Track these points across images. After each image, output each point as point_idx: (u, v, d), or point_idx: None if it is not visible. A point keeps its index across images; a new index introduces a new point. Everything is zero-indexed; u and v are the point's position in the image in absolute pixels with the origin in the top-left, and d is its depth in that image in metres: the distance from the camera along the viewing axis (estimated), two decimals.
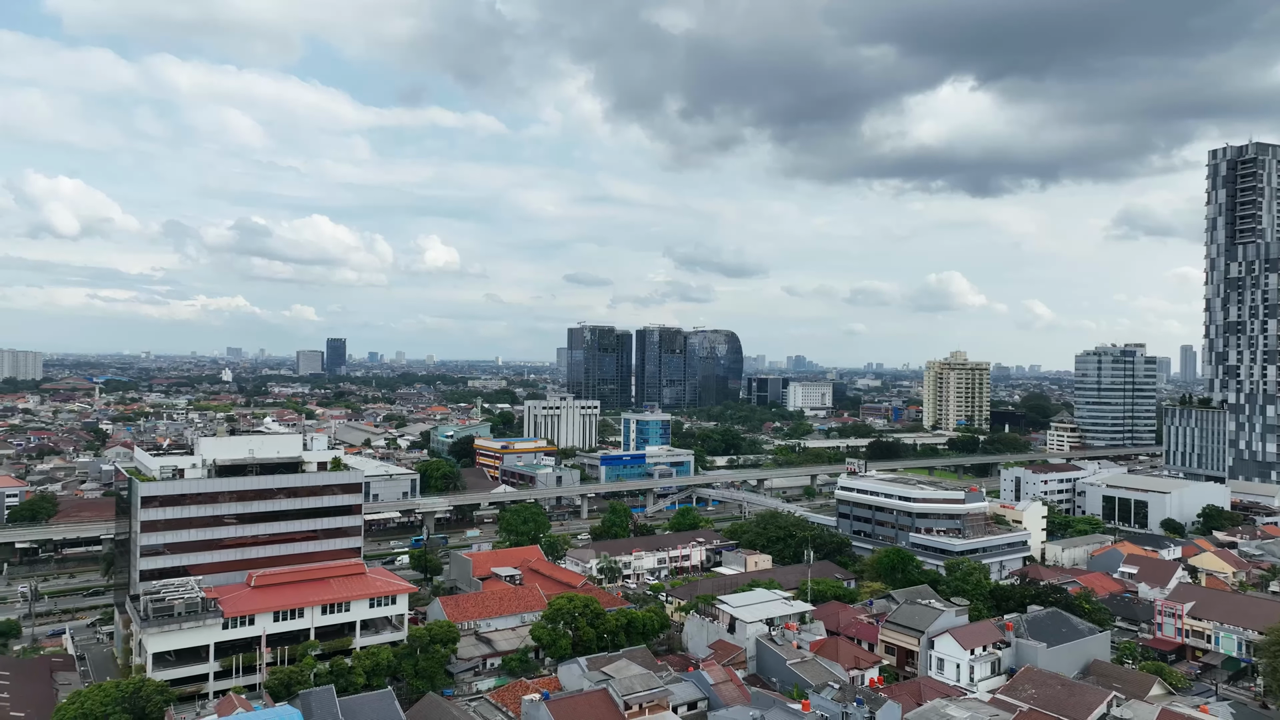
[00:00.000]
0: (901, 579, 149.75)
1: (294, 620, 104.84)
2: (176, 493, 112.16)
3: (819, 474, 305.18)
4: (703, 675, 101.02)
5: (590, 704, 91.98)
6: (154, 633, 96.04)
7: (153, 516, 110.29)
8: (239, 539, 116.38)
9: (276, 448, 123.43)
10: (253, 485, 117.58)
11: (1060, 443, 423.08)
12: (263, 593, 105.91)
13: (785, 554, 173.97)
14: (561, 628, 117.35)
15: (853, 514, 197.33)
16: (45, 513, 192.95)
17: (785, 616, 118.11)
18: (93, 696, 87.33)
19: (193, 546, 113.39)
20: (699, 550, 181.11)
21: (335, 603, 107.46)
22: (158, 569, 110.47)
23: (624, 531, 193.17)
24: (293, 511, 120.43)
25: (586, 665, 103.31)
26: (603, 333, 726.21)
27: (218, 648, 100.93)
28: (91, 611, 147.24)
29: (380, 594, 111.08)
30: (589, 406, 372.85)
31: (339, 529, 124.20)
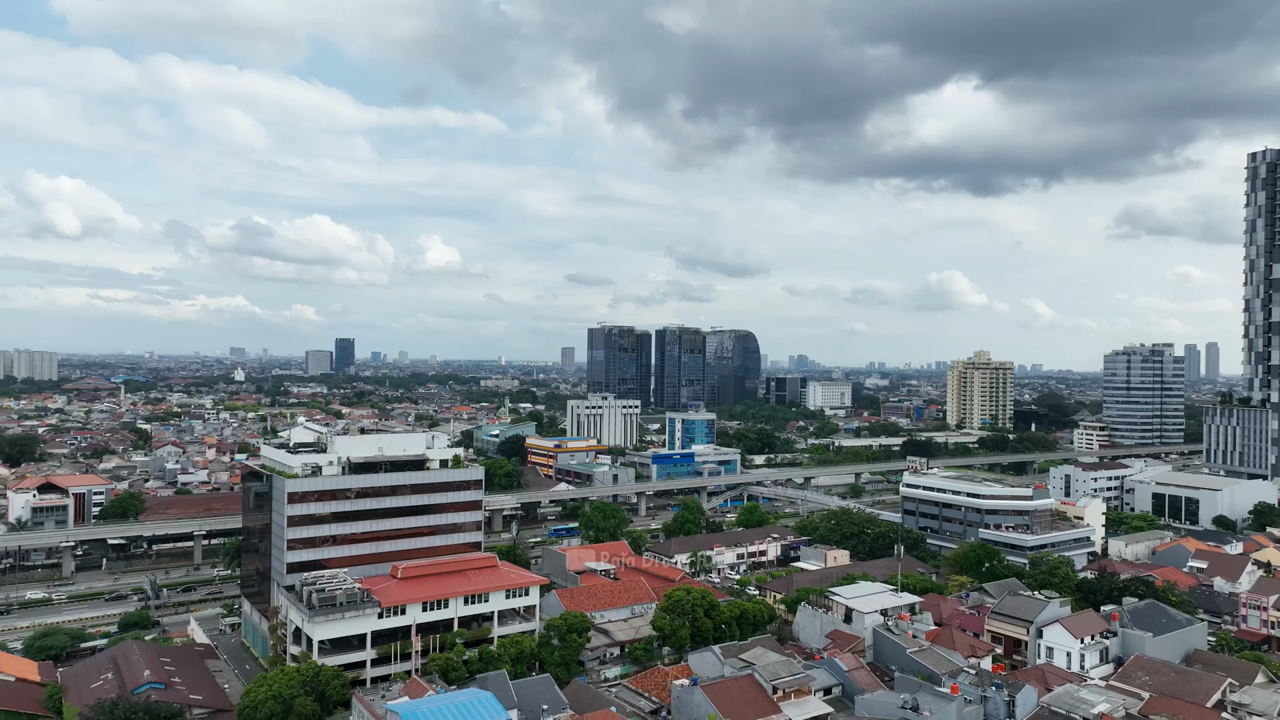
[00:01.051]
0: (986, 573, 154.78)
1: (439, 610, 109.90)
2: (319, 489, 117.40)
3: (863, 472, 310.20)
4: (835, 663, 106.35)
5: (740, 688, 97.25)
6: (320, 621, 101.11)
7: (299, 511, 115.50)
8: (373, 533, 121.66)
9: (403, 446, 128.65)
10: (384, 482, 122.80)
11: (1089, 442, 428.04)
12: (410, 584, 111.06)
13: (860, 550, 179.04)
14: (681, 618, 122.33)
15: (919, 510, 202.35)
16: (134, 510, 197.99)
17: (897, 607, 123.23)
18: (279, 680, 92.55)
19: (331, 540, 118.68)
20: (774, 546, 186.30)
21: (476, 594, 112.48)
22: (302, 561, 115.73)
23: (696, 528, 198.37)
24: (419, 507, 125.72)
25: (721, 653, 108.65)
26: (622, 333, 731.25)
27: (372, 636, 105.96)
28: (208, 603, 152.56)
29: (515, 586, 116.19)
30: (629, 406, 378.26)
31: (460, 524, 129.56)
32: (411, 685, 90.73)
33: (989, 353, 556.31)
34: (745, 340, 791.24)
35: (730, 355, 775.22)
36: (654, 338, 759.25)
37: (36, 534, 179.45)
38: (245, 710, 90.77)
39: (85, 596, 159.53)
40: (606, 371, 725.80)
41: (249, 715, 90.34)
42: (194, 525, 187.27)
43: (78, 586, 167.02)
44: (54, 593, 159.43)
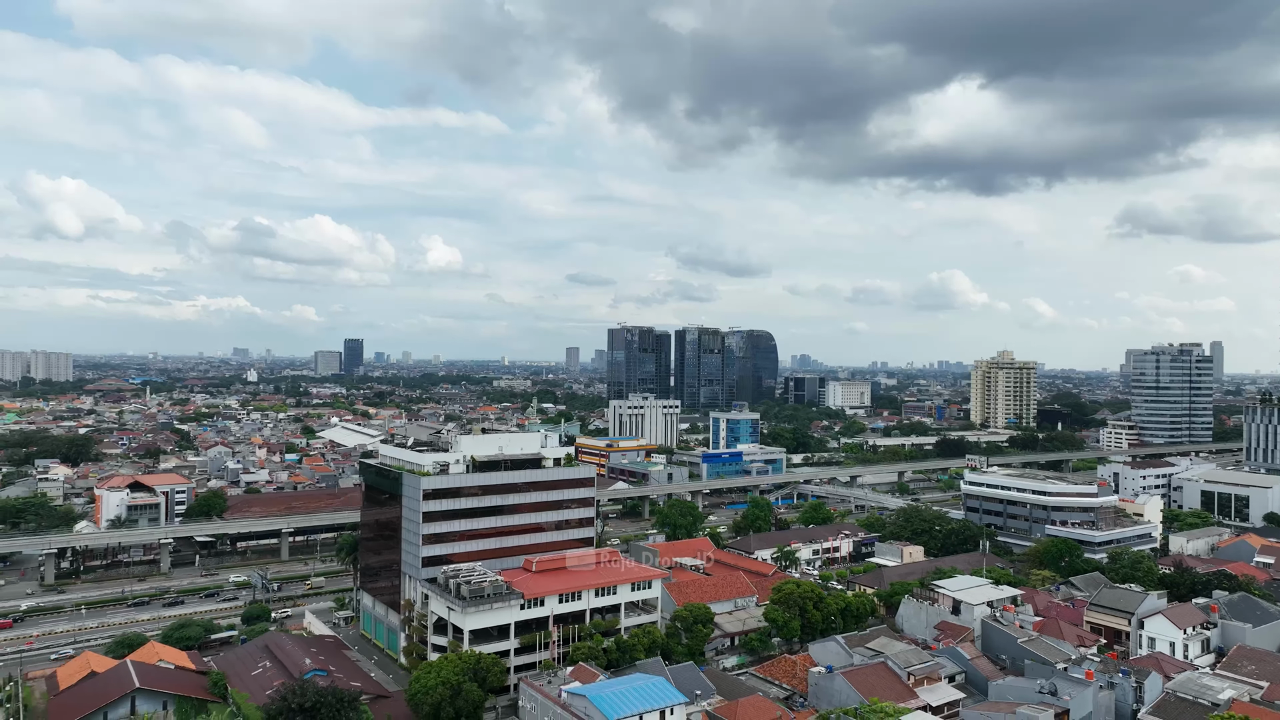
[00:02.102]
0: (1066, 567, 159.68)
1: (573, 602, 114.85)
2: (450, 486, 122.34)
3: (906, 471, 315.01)
4: (958, 651, 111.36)
5: (876, 674, 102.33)
6: (472, 612, 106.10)
7: (433, 508, 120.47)
8: (495, 529, 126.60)
9: (519, 445, 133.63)
10: (506, 479, 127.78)
11: (1118, 440, 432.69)
12: (545, 577, 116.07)
13: (931, 546, 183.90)
14: (792, 610, 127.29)
15: (982, 507, 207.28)
16: (217, 509, 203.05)
17: (1000, 600, 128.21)
18: (445, 667, 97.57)
19: (460, 535, 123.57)
20: (846, 542, 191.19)
21: (606, 587, 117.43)
22: (434, 556, 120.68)
23: (766, 525, 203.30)
24: (537, 504, 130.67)
25: (845, 642, 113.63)
26: (643, 333, 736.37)
27: (514, 626, 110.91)
28: (315, 597, 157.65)
29: (639, 579, 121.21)
30: (669, 406, 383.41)
31: (575, 519, 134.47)
32: (579, 670, 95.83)
33: (1012, 352, 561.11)
34: (762, 340, 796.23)
35: (747, 355, 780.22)
36: (673, 338, 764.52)
37: (136, 531, 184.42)
38: (417, 695, 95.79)
39: (190, 591, 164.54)
40: (626, 371, 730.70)
41: (420, 699, 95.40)
42: (281, 522, 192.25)
43: (179, 582, 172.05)
44: (170, 586, 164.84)
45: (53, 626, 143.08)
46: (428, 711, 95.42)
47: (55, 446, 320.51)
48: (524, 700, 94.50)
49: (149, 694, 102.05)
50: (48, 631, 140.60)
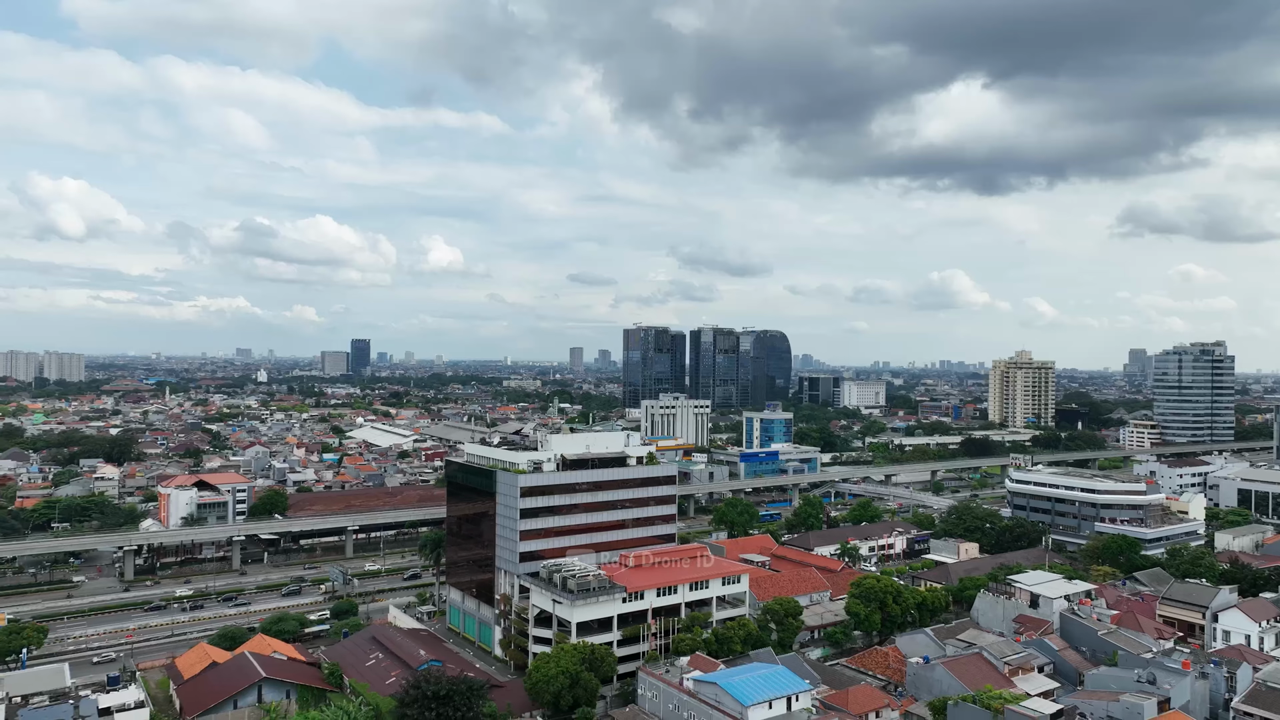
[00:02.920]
0: (1125, 563, 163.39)
1: (670, 596, 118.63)
2: (544, 484, 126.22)
3: (939, 469, 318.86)
4: (1046, 643, 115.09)
5: (974, 664, 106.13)
6: (580, 605, 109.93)
7: (530, 504, 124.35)
8: (584, 525, 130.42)
9: (605, 444, 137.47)
10: (596, 477, 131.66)
11: (1140, 440, 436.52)
12: (642, 572, 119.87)
13: (985, 542, 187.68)
14: (872, 604, 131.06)
15: (1030, 505, 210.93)
16: (279, 507, 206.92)
17: (1075, 594, 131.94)
18: (563, 658, 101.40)
19: (553, 531, 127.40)
20: (901, 539, 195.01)
21: (700, 581, 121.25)
22: (531, 551, 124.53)
23: (818, 523, 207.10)
24: (623, 501, 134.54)
25: (934, 634, 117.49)
26: (658, 333, 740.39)
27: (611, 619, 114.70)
28: (395, 592, 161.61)
29: (728, 574, 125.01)
30: (700, 406, 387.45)
31: (658, 516, 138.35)
32: (696, 659, 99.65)
33: (1030, 353, 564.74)
34: (775, 340, 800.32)
35: (761, 355, 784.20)
36: (687, 338, 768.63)
37: (210, 528, 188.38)
38: (539, 684, 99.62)
39: (269, 587, 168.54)
40: (642, 371, 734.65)
41: (542, 688, 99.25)
42: (346, 520, 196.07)
43: (254, 578, 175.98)
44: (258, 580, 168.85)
45: (147, 620, 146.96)
46: (549, 699, 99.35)
47: (97, 446, 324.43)
48: (643, 689, 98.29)
49: (274, 683, 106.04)
50: (143, 625, 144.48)
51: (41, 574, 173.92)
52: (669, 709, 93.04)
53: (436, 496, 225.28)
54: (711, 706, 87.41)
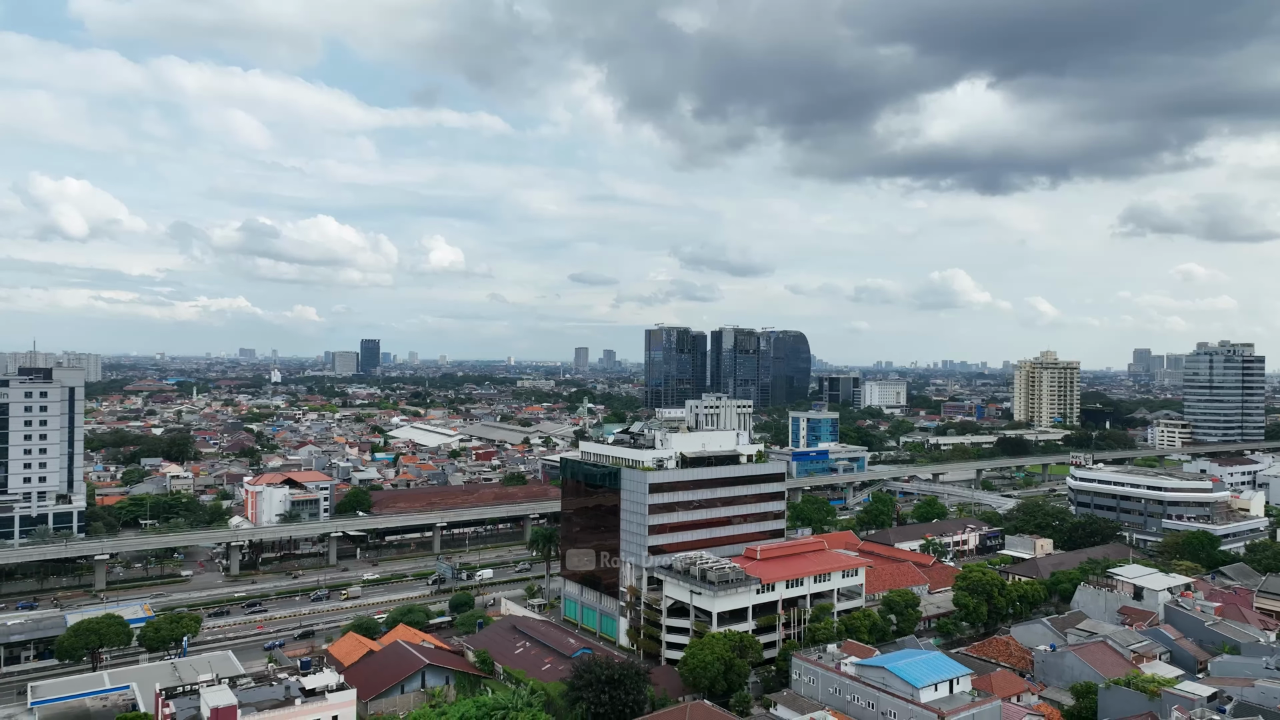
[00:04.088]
0: (1205, 558, 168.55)
1: (797, 588, 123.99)
2: (670, 480, 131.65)
3: (984, 468, 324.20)
4: (1161, 632, 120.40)
5: (1101, 651, 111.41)
6: (721, 595, 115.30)
7: (658, 500, 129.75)
8: (706, 520, 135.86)
9: (719, 443, 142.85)
10: (714, 474, 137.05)
11: (1170, 439, 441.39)
12: (770, 564, 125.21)
13: (1056, 538, 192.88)
14: (980, 596, 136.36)
15: (1093, 502, 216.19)
16: (364, 505, 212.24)
17: (1176, 586, 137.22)
18: (716, 644, 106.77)
19: (676, 526, 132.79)
20: (974, 535, 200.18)
21: (823, 573, 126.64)
22: (656, 545, 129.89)
23: (888, 520, 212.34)
24: (737, 497, 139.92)
25: (1051, 624, 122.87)
26: (680, 333, 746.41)
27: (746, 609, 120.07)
28: (507, 585, 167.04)
29: (848, 567, 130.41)
30: (743, 405, 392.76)
31: (768, 512, 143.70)
32: (849, 646, 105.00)
33: (1055, 353, 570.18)
34: (796, 341, 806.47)
35: (780, 356, 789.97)
36: (709, 338, 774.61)
37: (310, 525, 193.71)
38: (696, 669, 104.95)
39: (375, 581, 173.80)
40: (664, 371, 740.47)
41: (699, 673, 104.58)
42: (435, 517, 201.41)
43: (354, 572, 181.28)
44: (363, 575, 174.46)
45: (273, 612, 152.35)
46: (705, 684, 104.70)
47: (155, 446, 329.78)
48: (796, 673, 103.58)
49: (435, 670, 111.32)
50: (270, 617, 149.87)
51: (152, 568, 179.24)
52: (829, 692, 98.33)
53: (510, 494, 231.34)
54: (878, 689, 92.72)
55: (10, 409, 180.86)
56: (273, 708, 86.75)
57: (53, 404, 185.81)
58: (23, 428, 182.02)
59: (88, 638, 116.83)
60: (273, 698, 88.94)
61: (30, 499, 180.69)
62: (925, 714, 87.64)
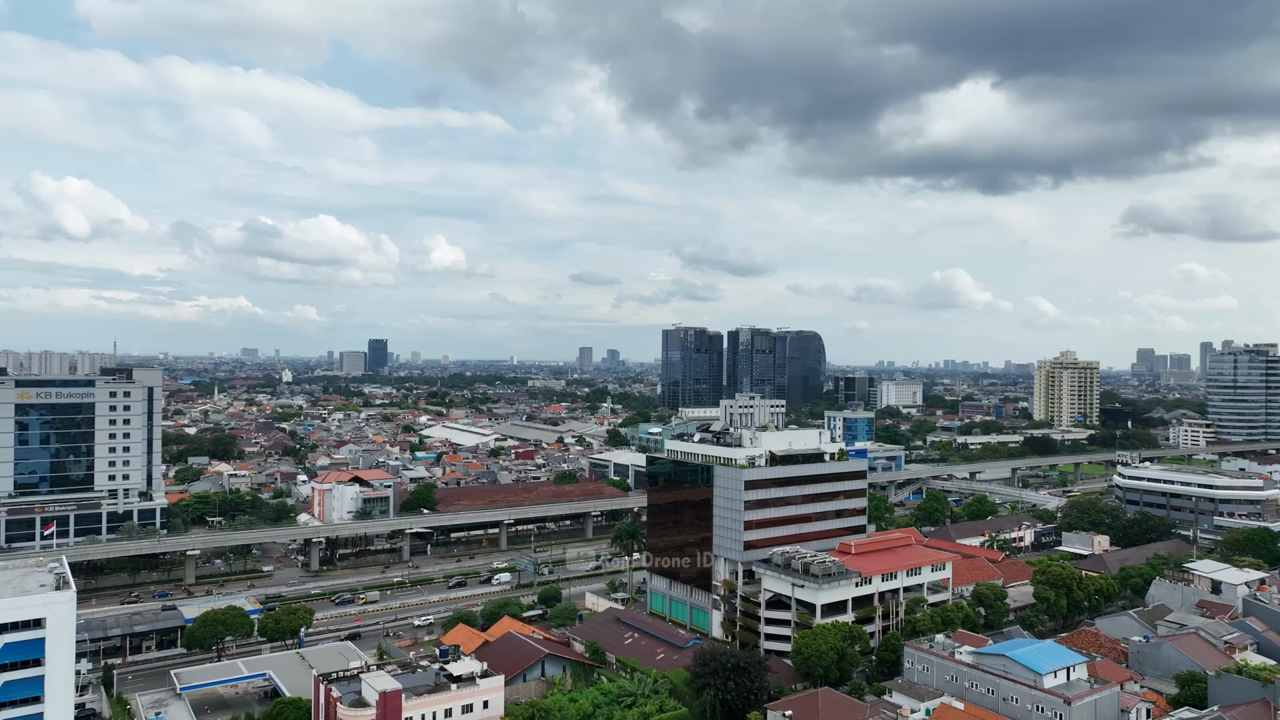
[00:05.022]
0: (1266, 554, 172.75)
1: (890, 581, 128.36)
2: (764, 478, 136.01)
3: (1020, 467, 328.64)
4: (1248, 624, 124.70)
5: (1195, 642, 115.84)
6: (825, 588, 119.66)
7: (753, 496, 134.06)
8: (794, 516, 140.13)
9: (804, 441, 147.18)
10: (801, 472, 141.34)
11: (1194, 438, 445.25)
12: (865, 558, 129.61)
13: (1112, 535, 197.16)
14: (1058, 590, 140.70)
15: (1142, 500, 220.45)
16: (429, 502, 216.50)
17: (1251, 580, 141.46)
18: (828, 634, 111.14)
19: (767, 522, 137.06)
20: (1030, 532, 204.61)
21: (914, 567, 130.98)
22: (750, 540, 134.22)
23: (942, 518, 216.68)
24: (823, 494, 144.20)
25: (1137, 615, 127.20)
26: (697, 333, 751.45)
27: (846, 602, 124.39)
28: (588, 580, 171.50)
29: (936, 561, 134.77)
30: (776, 405, 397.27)
31: (851, 509, 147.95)
32: (960, 635, 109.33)
33: (1075, 353, 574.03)
34: (811, 341, 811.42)
35: (798, 355, 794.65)
36: (725, 338, 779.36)
37: (384, 521, 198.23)
38: (810, 658, 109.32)
39: (455, 575, 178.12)
40: (683, 371, 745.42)
41: (814, 661, 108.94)
42: (503, 514, 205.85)
43: (431, 568, 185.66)
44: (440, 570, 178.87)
45: (365, 607, 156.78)
46: (820, 672, 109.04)
47: (199, 445, 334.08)
48: (909, 661, 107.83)
49: (553, 659, 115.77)
50: (362, 610, 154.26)
51: (235, 563, 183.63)
52: (945, 680, 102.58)
53: (567, 492, 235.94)
54: (999, 676, 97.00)
55: (96, 408, 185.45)
56: (430, 692, 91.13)
57: (135, 403, 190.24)
58: (107, 426, 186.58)
59: (215, 628, 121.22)
60: (426, 683, 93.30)
61: (116, 496, 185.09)
62: (1050, 699, 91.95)
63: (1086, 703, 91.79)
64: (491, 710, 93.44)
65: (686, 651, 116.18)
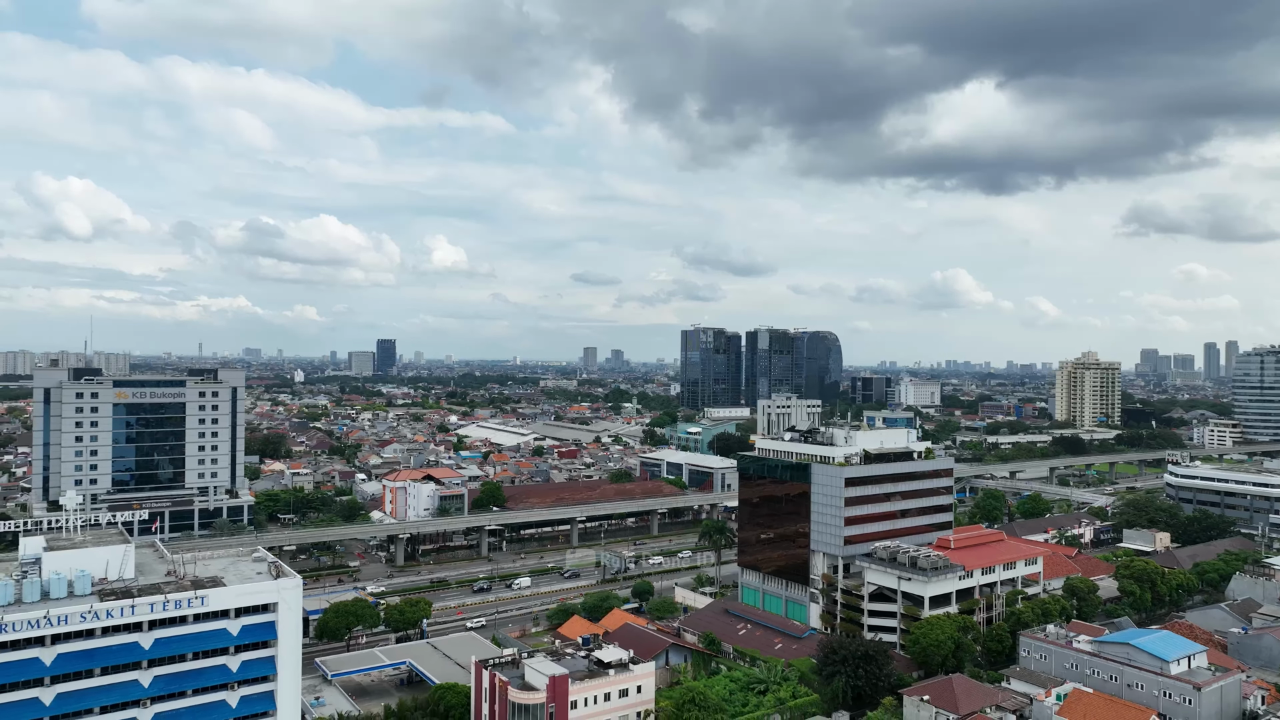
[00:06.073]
0: None
1: (988, 575, 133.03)
2: (862, 475, 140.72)
3: (1056, 466, 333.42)
4: None
5: None
6: (934, 581, 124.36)
7: (852, 494, 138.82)
8: (888, 512, 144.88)
9: (893, 440, 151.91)
10: (894, 470, 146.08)
11: (1220, 438, 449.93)
12: (964, 552, 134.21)
13: (1171, 532, 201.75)
14: (1143, 584, 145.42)
15: (1195, 498, 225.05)
16: (499, 500, 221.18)
17: None
18: (943, 625, 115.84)
19: (863, 518, 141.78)
20: (1089, 529, 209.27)
21: (1010, 561, 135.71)
22: (850, 535, 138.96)
23: (1000, 515, 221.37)
24: (914, 491, 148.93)
25: (1229, 608, 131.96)
26: (716, 334, 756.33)
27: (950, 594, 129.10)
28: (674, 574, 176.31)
29: (1028, 556, 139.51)
30: (813, 405, 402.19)
31: (938, 506, 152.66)
32: (1073, 625, 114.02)
33: (1096, 353, 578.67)
34: (826, 341, 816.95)
35: (814, 356, 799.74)
36: (744, 339, 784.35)
37: (463, 518, 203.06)
38: (927, 647, 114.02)
39: (538, 572, 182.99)
40: (702, 371, 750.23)
41: (930, 651, 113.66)
42: (575, 511, 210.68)
43: (513, 564, 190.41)
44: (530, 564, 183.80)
45: (463, 600, 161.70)
46: (938, 661, 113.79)
47: (249, 445, 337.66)
48: (1025, 650, 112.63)
49: (676, 649, 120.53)
50: (462, 604, 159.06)
51: (324, 559, 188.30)
52: (1064, 667, 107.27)
53: (629, 490, 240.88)
54: (1123, 663, 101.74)
55: (186, 408, 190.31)
56: (589, 677, 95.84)
57: (222, 403, 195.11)
58: (197, 425, 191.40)
59: (345, 618, 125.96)
60: (580, 669, 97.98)
61: (206, 493, 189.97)
62: (1179, 685, 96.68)
63: (1214, 689, 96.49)
64: (644, 694, 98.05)
65: (805, 641, 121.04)
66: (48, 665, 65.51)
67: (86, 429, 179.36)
